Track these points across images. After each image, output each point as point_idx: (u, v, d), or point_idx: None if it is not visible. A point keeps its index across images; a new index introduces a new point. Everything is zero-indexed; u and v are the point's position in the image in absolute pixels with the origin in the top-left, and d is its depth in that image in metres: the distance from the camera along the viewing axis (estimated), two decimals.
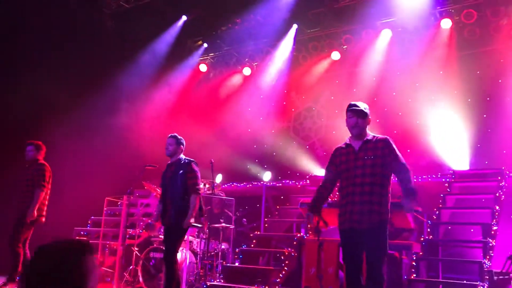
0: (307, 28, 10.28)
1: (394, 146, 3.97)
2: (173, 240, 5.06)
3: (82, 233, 8.75)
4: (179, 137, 5.39)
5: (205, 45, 11.13)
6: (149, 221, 6.37)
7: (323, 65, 10.44)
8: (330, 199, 7.69)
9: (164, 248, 5.29)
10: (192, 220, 5.06)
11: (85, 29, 9.21)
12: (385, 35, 9.47)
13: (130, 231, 7.27)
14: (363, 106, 4.07)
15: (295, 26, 10.21)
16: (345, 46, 9.98)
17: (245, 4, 9.67)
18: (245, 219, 8.01)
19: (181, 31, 10.40)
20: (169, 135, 5.39)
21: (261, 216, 8.31)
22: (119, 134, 9.21)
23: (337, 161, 4.11)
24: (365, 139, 4.00)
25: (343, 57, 10.13)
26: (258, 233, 7.58)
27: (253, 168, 10.54)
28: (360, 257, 3.81)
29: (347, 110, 4.07)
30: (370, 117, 4.09)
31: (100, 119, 8.98)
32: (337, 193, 4.30)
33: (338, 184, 4.18)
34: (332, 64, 10.33)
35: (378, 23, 9.46)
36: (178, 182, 5.10)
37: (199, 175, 5.25)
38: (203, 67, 11.30)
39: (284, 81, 10.90)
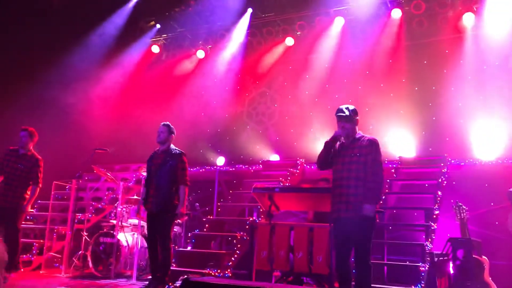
0: (262, 13, 10.29)
1: (379, 149, 4.31)
2: (166, 226, 5.19)
3: (28, 217, 8.47)
4: (171, 126, 5.50)
5: (158, 26, 10.92)
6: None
7: (277, 50, 10.49)
8: (282, 184, 7.84)
9: (149, 235, 5.33)
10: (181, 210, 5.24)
11: (32, 5, 8.79)
12: (338, 23, 9.62)
13: (79, 215, 7.11)
14: (348, 110, 4.39)
15: (250, 10, 10.19)
16: (299, 32, 10.07)
17: None
18: (197, 204, 8.02)
19: (133, 10, 10.14)
20: (162, 123, 5.50)
21: (214, 200, 8.33)
22: (68, 115, 8.92)
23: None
24: (354, 137, 4.37)
25: (297, 43, 10.22)
26: (211, 217, 7.61)
27: (206, 152, 10.52)
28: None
29: (335, 115, 4.41)
30: (357, 118, 4.44)
31: (47, 98, 8.65)
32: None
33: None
34: (286, 50, 10.40)
35: (332, 11, 9.60)
36: (167, 171, 5.22)
37: (188, 166, 5.44)
38: (155, 48, 11.07)
39: (238, 65, 10.88)
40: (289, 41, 10.21)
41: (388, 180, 7.41)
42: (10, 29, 8.19)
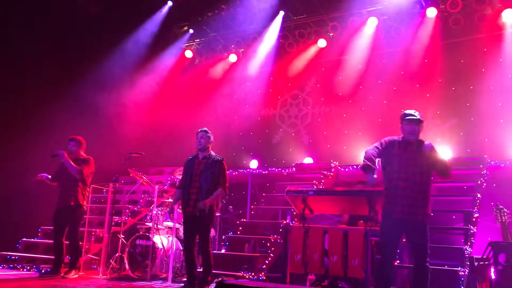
0: (294, 15, 10.26)
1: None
2: (206, 228, 5.30)
3: None
4: (209, 132, 5.67)
5: (191, 31, 11.05)
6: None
7: (310, 52, 10.45)
8: (316, 187, 7.78)
9: (187, 237, 5.40)
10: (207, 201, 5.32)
11: (69, 13, 9.06)
12: (371, 23, 9.50)
13: (116, 218, 7.25)
14: (418, 115, 4.51)
15: (281, 13, 10.19)
16: (332, 34, 9.99)
17: None
18: (231, 206, 8.05)
19: (166, 16, 10.31)
20: (200, 129, 5.66)
21: (247, 203, 8.34)
22: (104, 120, 9.14)
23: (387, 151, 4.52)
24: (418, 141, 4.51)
25: (329, 44, 10.15)
26: (244, 220, 7.62)
27: (239, 155, 10.56)
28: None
29: (405, 119, 4.47)
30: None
31: (85, 103, 8.89)
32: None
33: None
34: (319, 52, 10.34)
35: (364, 11, 9.48)
36: (210, 176, 5.37)
37: (227, 172, 5.61)
38: (188, 53, 11.21)
39: (270, 68, 10.89)
40: (322, 42, 10.15)
41: None
42: (50, 36, 8.45)
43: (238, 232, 7.27)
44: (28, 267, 7.35)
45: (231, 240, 7.06)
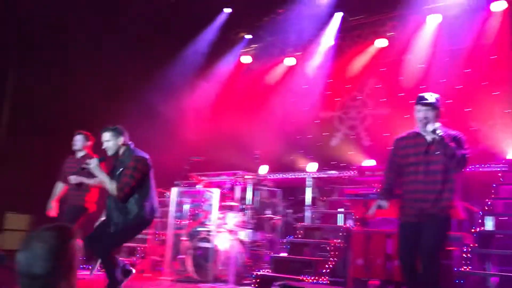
0: (351, 16, 10.12)
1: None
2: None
3: None
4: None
5: (248, 36, 11.17)
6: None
7: (368, 53, 10.25)
8: (377, 190, 7.60)
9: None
10: None
11: (131, 23, 9.45)
12: (432, 21, 9.19)
13: (179, 221, 7.45)
14: (433, 97, 4.06)
15: (338, 15, 10.08)
16: (391, 33, 9.76)
17: None
18: (290, 210, 8.04)
19: (224, 23, 10.49)
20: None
21: (306, 207, 8.29)
22: (165, 126, 9.44)
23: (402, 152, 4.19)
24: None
25: (389, 44, 9.91)
26: (304, 223, 7.59)
27: (298, 159, 10.52)
28: None
29: (416, 104, 4.07)
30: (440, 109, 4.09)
31: (147, 111, 9.24)
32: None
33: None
34: (378, 52, 10.12)
35: (425, 8, 9.19)
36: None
37: None
38: (246, 59, 11.34)
39: (328, 70, 10.78)
40: (381, 42, 9.93)
41: (494, 185, 6.88)
42: (112, 45, 8.85)
43: (299, 236, 7.25)
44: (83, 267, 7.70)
45: (292, 244, 7.05)
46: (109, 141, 4.55)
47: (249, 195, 7.36)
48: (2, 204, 8.44)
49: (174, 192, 7.39)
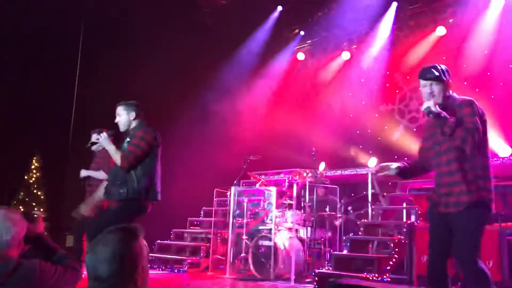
0: (408, 4, 9.79)
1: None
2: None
3: (195, 223, 9.27)
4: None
5: (302, 33, 11.09)
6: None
7: (428, 42, 9.85)
8: None
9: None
10: None
11: (186, 27, 9.69)
12: (496, 3, 8.69)
13: (239, 220, 7.54)
14: (438, 70, 3.55)
15: (394, 4, 9.77)
16: (451, 20, 9.32)
17: None
18: (350, 207, 7.90)
19: (277, 21, 10.49)
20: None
21: (367, 203, 8.12)
22: (223, 126, 9.59)
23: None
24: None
25: (449, 31, 9.47)
26: (365, 220, 7.43)
27: (358, 154, 10.32)
28: None
29: (419, 78, 3.62)
30: (449, 80, 3.56)
31: (204, 111, 9.43)
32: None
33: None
34: (438, 40, 9.69)
35: None
36: None
37: None
38: (301, 55, 11.27)
39: (386, 62, 10.47)
40: (441, 30, 9.51)
41: None
42: (170, 48, 9.10)
43: (360, 233, 7.10)
44: (163, 267, 7.95)
45: (353, 241, 6.92)
46: (120, 115, 4.37)
47: (307, 192, 7.31)
48: (63, 226, 8.79)
49: (233, 191, 7.47)
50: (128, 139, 4.31)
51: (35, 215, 3.09)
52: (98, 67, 8.90)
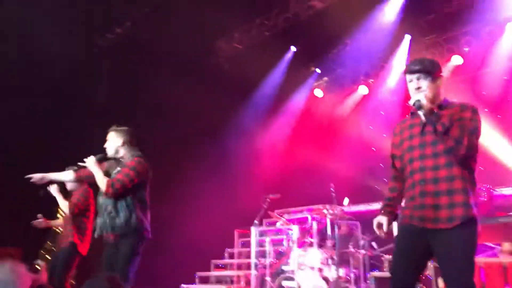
0: (422, 36, 9.83)
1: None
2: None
3: (219, 265, 9.22)
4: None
5: (318, 70, 11.23)
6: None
7: (445, 71, 9.79)
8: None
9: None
10: None
11: (204, 72, 9.99)
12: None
13: (262, 260, 7.46)
14: (425, 62, 3.13)
15: (408, 37, 9.83)
16: (467, 49, 9.29)
17: (352, 24, 9.62)
18: (374, 243, 7.72)
19: (292, 61, 10.67)
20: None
21: (392, 238, 7.94)
22: (241, 165, 9.67)
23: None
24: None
25: (466, 60, 9.43)
26: (390, 256, 7.23)
27: (382, 188, 10.16)
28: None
29: (404, 73, 3.22)
30: (440, 75, 3.15)
31: (223, 151, 9.55)
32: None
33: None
34: (455, 69, 9.66)
35: (501, 18, 8.68)
36: None
37: None
38: (318, 92, 11.35)
39: (404, 94, 10.43)
40: (457, 59, 9.48)
41: None
42: (189, 94, 9.35)
43: (384, 269, 6.91)
44: None
45: (378, 279, 6.73)
46: (109, 140, 4.33)
47: (329, 229, 7.21)
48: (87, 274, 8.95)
49: (253, 232, 7.44)
50: (118, 167, 4.24)
51: (39, 267, 3.17)
52: (120, 106, 9.17)
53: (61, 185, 5.52)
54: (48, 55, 7.84)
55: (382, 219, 3.24)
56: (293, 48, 10.60)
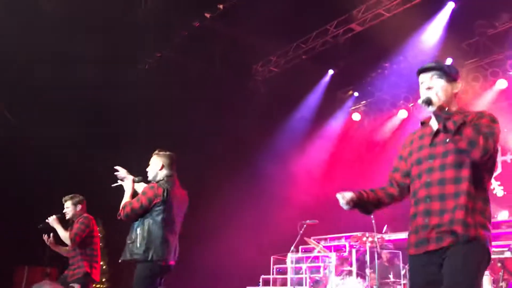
0: (464, 60, 9.56)
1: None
2: None
3: None
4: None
5: (356, 94, 11.07)
6: None
7: (489, 95, 9.49)
8: None
9: None
10: None
11: (241, 97, 10.02)
12: None
13: None
14: (440, 62, 2.88)
15: (449, 60, 9.58)
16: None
17: (391, 47, 9.48)
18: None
19: (329, 84, 10.58)
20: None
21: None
22: (277, 190, 9.54)
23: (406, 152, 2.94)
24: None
25: (511, 84, 9.11)
26: None
27: None
28: None
29: (417, 75, 2.89)
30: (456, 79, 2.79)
31: (256, 178, 9.46)
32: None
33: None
34: (499, 93, 9.33)
35: None
36: None
37: None
38: (356, 116, 11.17)
39: None
40: (502, 83, 9.16)
41: None
42: (225, 116, 9.37)
43: None
44: None
45: None
46: (150, 164, 4.39)
47: (368, 258, 6.94)
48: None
49: (289, 259, 7.25)
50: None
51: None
52: (157, 129, 9.26)
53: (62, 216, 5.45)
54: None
55: (349, 193, 2.88)
56: (330, 71, 10.50)
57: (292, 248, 7.25)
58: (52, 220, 5.33)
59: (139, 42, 9.09)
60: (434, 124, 2.73)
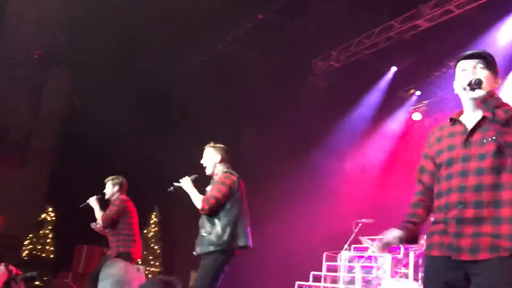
0: None
1: None
2: None
3: (304, 287, 8.95)
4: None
5: (418, 93, 10.73)
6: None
7: None
8: None
9: None
10: None
11: (300, 90, 9.95)
12: None
13: (349, 287, 7.14)
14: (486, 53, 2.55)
15: None
16: None
17: (458, 45, 9.09)
18: None
19: (391, 82, 10.31)
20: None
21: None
22: (333, 187, 9.43)
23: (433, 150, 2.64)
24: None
25: None
26: None
27: None
28: None
29: (458, 61, 2.61)
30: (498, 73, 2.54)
31: (311, 174, 9.39)
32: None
33: None
34: None
35: None
36: None
37: None
38: (417, 116, 10.83)
39: None
40: None
41: None
42: (282, 110, 9.36)
43: None
44: None
45: None
46: (205, 157, 4.36)
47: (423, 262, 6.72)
48: (187, 263, 9.13)
49: (343, 256, 7.16)
50: (210, 185, 4.30)
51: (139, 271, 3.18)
52: (215, 125, 9.39)
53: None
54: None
55: (395, 232, 2.64)
56: (393, 68, 10.22)
57: (345, 246, 7.14)
58: (92, 201, 5.41)
59: (205, 32, 9.21)
60: (468, 122, 2.50)
